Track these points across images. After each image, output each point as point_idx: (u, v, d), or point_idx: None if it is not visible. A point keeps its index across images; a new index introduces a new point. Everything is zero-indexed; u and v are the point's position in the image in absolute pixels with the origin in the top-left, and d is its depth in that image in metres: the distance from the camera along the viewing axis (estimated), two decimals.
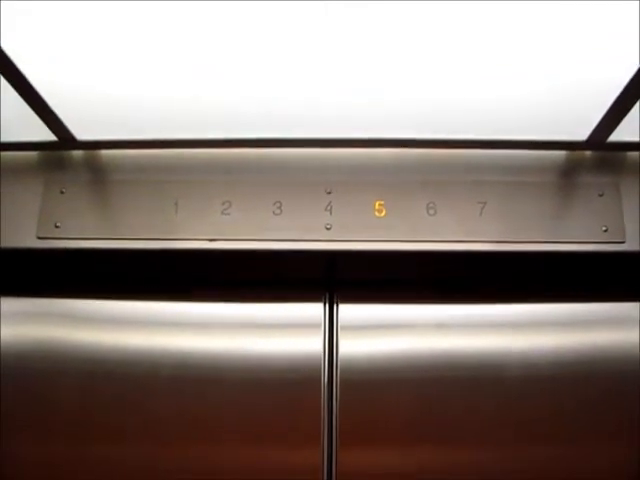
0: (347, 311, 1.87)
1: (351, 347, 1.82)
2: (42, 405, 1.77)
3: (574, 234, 1.71)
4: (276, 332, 1.85)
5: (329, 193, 1.73)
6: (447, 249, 1.70)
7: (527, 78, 1.50)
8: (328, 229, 1.71)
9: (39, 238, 1.73)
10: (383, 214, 1.72)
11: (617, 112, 1.56)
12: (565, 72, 1.49)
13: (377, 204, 1.72)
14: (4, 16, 1.28)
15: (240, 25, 1.37)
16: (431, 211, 1.72)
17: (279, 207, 1.73)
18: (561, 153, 1.75)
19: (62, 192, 1.76)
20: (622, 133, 1.66)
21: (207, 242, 1.71)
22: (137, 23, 1.36)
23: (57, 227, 1.73)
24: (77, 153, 1.78)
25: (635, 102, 1.52)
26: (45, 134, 1.69)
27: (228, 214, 1.72)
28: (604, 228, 1.71)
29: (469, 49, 1.42)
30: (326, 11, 1.33)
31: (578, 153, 1.75)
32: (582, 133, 1.67)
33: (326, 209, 1.72)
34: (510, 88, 1.53)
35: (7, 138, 1.71)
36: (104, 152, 1.77)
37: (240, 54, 1.45)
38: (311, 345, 1.82)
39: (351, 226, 1.71)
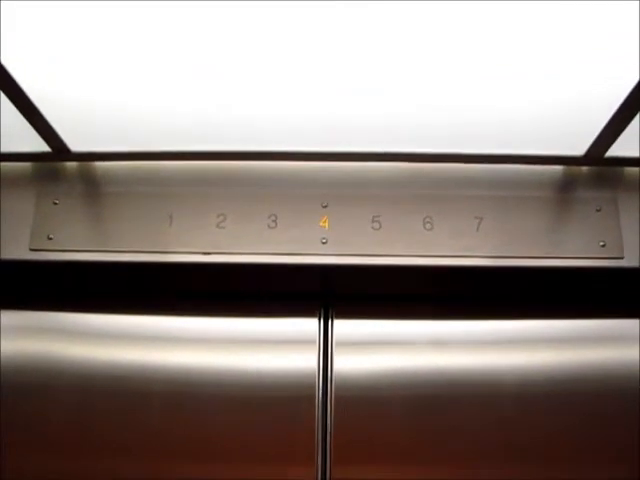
0: (342, 327, 1.85)
1: (346, 363, 1.80)
2: (32, 420, 1.75)
3: (571, 249, 1.70)
4: (270, 347, 1.83)
5: (325, 207, 1.72)
6: (443, 264, 1.69)
7: (527, 91, 1.50)
8: (324, 243, 1.70)
9: (32, 250, 1.71)
10: (379, 228, 1.71)
11: (615, 127, 1.56)
12: (565, 85, 1.48)
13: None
14: None
15: (240, 36, 1.36)
16: (428, 225, 1.71)
17: (274, 220, 1.71)
18: (558, 168, 1.75)
19: (55, 203, 1.74)
20: (620, 148, 1.66)
21: (202, 255, 1.69)
22: (134, 32, 1.35)
23: (50, 239, 1.72)
24: (71, 164, 1.77)
25: (633, 117, 1.52)
26: (39, 145, 1.68)
27: (223, 227, 1.71)
28: (602, 243, 1.70)
29: (468, 60, 1.42)
30: (323, 22, 1.32)
31: (576, 168, 1.75)
32: (582, 148, 1.67)
33: (322, 223, 1.71)
34: (510, 100, 1.53)
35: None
36: (98, 164, 1.76)
37: (238, 65, 1.44)
38: (306, 361, 1.80)
39: (347, 240, 1.70)
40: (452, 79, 1.47)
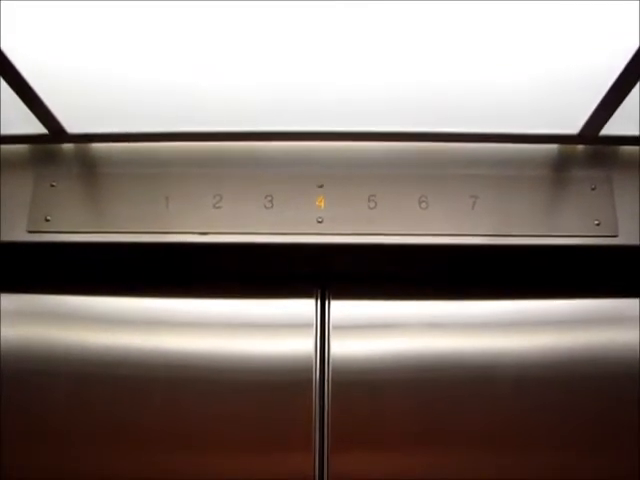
0: (340, 308, 1.85)
1: (344, 345, 1.80)
2: (30, 405, 1.75)
3: (566, 228, 1.70)
4: (266, 330, 1.83)
5: (321, 186, 1.73)
6: (439, 243, 1.69)
7: (521, 68, 1.50)
8: (320, 222, 1.70)
9: (29, 232, 1.72)
10: (375, 207, 1.71)
11: (609, 105, 1.56)
12: (559, 62, 1.48)
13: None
14: None
15: (238, 15, 1.36)
16: (423, 205, 1.71)
17: (270, 201, 1.72)
18: (553, 147, 1.75)
19: (52, 185, 1.75)
20: (614, 126, 1.66)
21: (198, 235, 1.70)
22: (132, 10, 1.34)
23: (47, 221, 1.72)
24: (68, 146, 1.77)
25: (626, 95, 1.52)
26: (35, 127, 1.68)
27: (219, 208, 1.72)
28: (596, 222, 1.70)
29: (462, 38, 1.42)
30: (323, 4, 1.33)
31: (570, 147, 1.75)
32: (577, 125, 1.67)
33: (318, 202, 1.72)
34: (503, 77, 1.53)
35: None
36: (95, 145, 1.76)
37: (236, 44, 1.44)
38: (302, 344, 1.79)
39: (343, 219, 1.70)
40: (445, 56, 1.46)
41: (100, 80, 1.54)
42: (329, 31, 1.40)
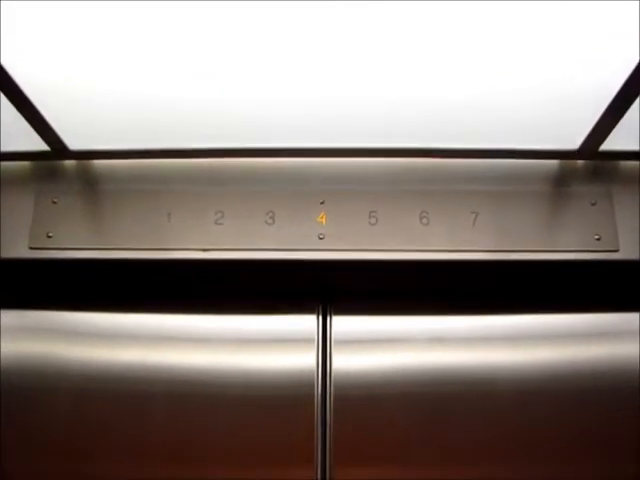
0: (341, 323, 1.85)
1: (345, 361, 1.80)
2: (31, 421, 1.75)
3: (567, 243, 1.70)
4: (268, 345, 1.83)
5: (322, 203, 1.73)
6: (440, 258, 1.69)
7: (521, 84, 1.50)
8: (321, 239, 1.70)
9: (31, 248, 1.72)
10: (376, 224, 1.71)
11: (609, 120, 1.56)
12: (558, 78, 1.49)
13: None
14: None
15: (241, 31, 1.36)
16: (424, 220, 1.71)
17: (272, 217, 1.72)
18: (553, 162, 1.75)
19: (54, 202, 1.75)
20: (614, 142, 1.66)
21: (200, 252, 1.70)
22: (134, 24, 1.34)
23: (49, 237, 1.72)
24: (69, 163, 1.77)
25: (626, 111, 1.53)
26: (37, 144, 1.68)
27: (221, 224, 1.72)
28: (597, 237, 1.70)
29: (462, 55, 1.42)
30: (322, 19, 1.33)
31: (570, 162, 1.75)
32: (576, 142, 1.68)
33: (319, 219, 1.72)
34: (504, 94, 1.53)
35: None
36: (97, 162, 1.76)
37: (236, 60, 1.44)
38: (304, 359, 1.79)
39: (344, 236, 1.70)
40: (446, 72, 1.47)
41: (103, 97, 1.54)
42: (328, 46, 1.40)
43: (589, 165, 1.75)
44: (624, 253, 1.70)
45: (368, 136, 1.67)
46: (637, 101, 1.49)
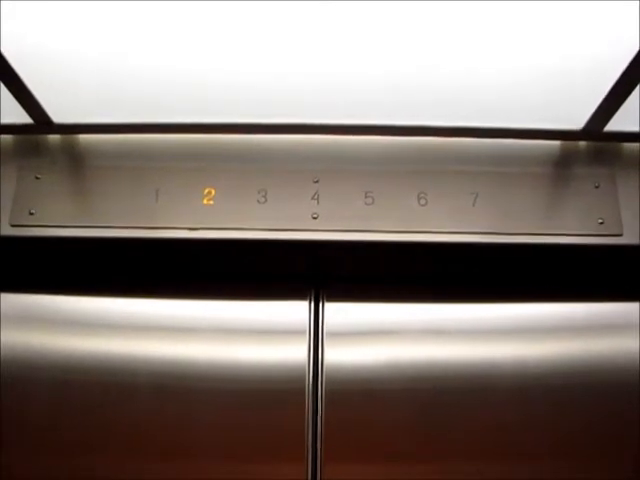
0: (334, 310, 1.81)
1: (338, 350, 1.76)
2: (11, 412, 1.70)
3: (569, 226, 1.67)
4: (257, 335, 1.78)
5: (316, 182, 1.69)
6: (438, 240, 1.66)
7: (524, 60, 1.47)
8: (315, 219, 1.66)
9: (12, 226, 1.67)
10: (372, 204, 1.67)
11: (613, 101, 1.53)
12: (564, 55, 1.45)
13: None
14: None
15: (240, 4, 1.33)
16: (422, 201, 1.68)
17: (264, 195, 1.68)
18: (556, 143, 1.72)
19: (37, 178, 1.70)
20: (619, 122, 1.63)
21: (187, 231, 1.65)
22: None
23: (32, 214, 1.67)
24: (54, 137, 1.73)
25: (632, 91, 1.50)
26: (20, 116, 1.63)
27: (211, 202, 1.67)
28: (600, 220, 1.67)
29: (466, 33, 1.40)
30: None
31: (573, 143, 1.72)
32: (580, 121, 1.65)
33: (313, 198, 1.67)
34: (506, 71, 1.50)
35: None
36: (82, 137, 1.72)
37: (235, 33, 1.41)
38: (295, 350, 1.76)
39: (338, 216, 1.66)
40: (447, 49, 1.44)
41: (93, 68, 1.50)
42: (327, 20, 1.38)
43: (592, 147, 1.72)
44: (628, 237, 1.66)
45: (366, 111, 1.63)
46: None
